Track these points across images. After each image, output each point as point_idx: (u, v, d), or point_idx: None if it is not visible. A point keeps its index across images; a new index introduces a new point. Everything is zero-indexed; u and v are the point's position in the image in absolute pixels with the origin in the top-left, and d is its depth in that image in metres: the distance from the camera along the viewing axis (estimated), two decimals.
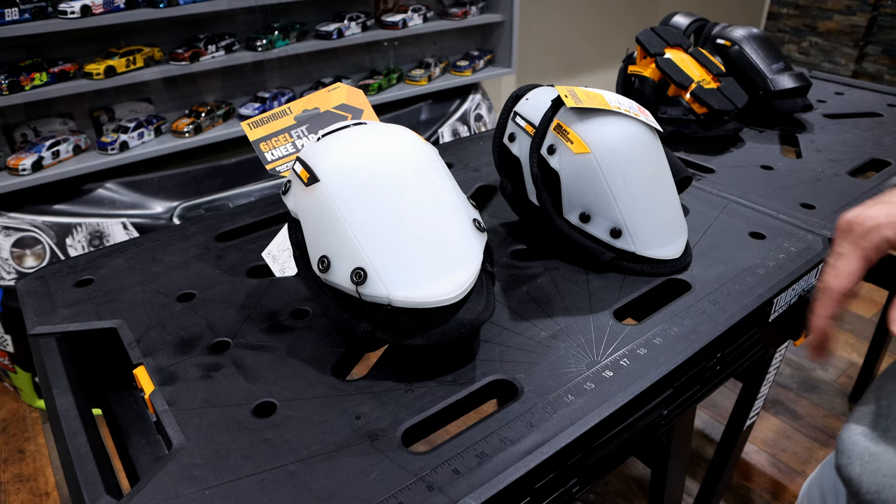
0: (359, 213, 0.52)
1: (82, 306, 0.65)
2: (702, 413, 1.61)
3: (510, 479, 0.45)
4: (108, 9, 1.49)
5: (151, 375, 0.55)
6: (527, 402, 0.52)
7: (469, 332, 0.54)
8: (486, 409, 0.53)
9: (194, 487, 0.45)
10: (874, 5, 3.24)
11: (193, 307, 0.65)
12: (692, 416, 0.88)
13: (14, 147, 1.57)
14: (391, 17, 1.98)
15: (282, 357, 0.58)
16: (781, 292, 0.66)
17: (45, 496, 1.41)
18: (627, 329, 0.60)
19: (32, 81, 1.45)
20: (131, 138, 1.63)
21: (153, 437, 0.60)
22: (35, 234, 1.49)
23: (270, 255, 0.69)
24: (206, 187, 1.70)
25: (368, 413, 0.51)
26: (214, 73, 1.82)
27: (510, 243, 0.76)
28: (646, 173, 0.67)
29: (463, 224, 0.55)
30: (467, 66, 2.18)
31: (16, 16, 1.38)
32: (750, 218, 0.79)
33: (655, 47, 1.03)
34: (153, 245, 0.77)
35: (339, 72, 2.07)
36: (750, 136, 1.07)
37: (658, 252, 0.68)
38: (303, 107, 0.71)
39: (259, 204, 0.85)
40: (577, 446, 0.49)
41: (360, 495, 0.44)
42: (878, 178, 0.90)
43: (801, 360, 1.79)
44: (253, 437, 0.49)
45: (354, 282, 0.51)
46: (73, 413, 0.52)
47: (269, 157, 0.69)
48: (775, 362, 0.92)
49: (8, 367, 1.60)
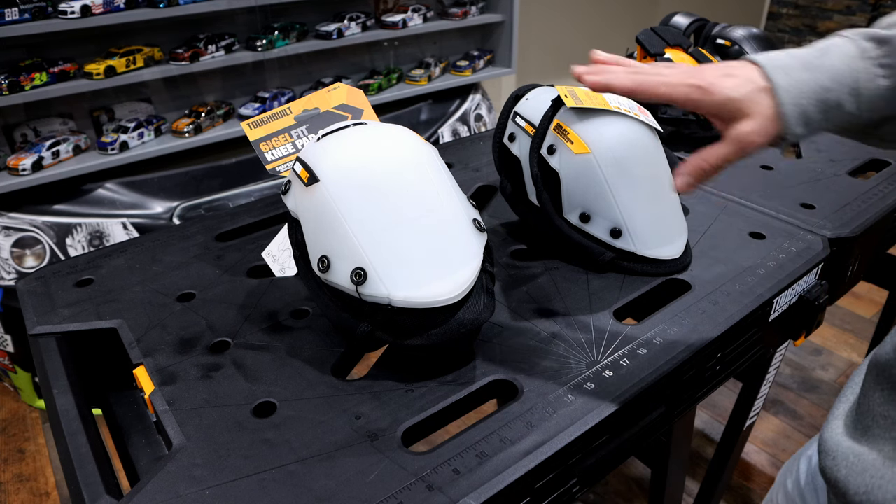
0: (359, 213, 0.52)
1: (82, 306, 0.65)
2: (702, 413, 1.61)
3: (510, 479, 0.45)
4: (108, 9, 1.48)
5: (151, 375, 0.55)
6: (527, 402, 0.52)
7: (469, 332, 0.54)
8: (486, 409, 0.53)
9: (194, 487, 0.45)
10: (874, 5, 3.23)
11: (193, 307, 0.65)
12: (692, 416, 0.88)
13: (14, 147, 1.57)
14: (391, 17, 1.98)
15: (282, 357, 0.58)
16: (781, 292, 0.66)
17: (45, 496, 1.41)
18: (627, 329, 0.60)
19: (32, 81, 1.45)
20: (131, 138, 1.63)
21: (153, 437, 0.60)
22: (35, 234, 1.49)
23: (270, 255, 0.69)
24: (206, 187, 1.70)
25: (368, 413, 0.51)
26: (214, 73, 1.82)
27: (510, 243, 0.76)
28: (646, 173, 0.67)
29: (463, 224, 0.55)
30: (467, 66, 2.18)
31: (16, 16, 1.37)
32: (750, 218, 0.79)
33: (655, 47, 1.02)
34: (153, 245, 0.77)
35: (339, 72, 2.07)
36: None
37: (658, 252, 0.68)
38: (303, 107, 0.71)
39: (259, 204, 0.85)
40: (577, 446, 0.49)
41: (360, 495, 0.44)
42: (877, 178, 0.90)
43: (801, 360, 1.79)
44: (253, 437, 0.49)
45: (354, 282, 0.51)
46: (73, 413, 0.52)
47: (269, 157, 0.69)
48: (775, 362, 0.92)
49: (8, 367, 1.60)
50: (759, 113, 0.44)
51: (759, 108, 0.44)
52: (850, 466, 0.43)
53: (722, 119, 0.46)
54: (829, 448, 0.46)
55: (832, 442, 0.46)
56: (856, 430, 0.45)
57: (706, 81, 0.45)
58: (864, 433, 0.44)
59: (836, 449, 0.45)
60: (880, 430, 0.42)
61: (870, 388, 0.44)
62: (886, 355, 0.43)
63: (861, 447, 0.43)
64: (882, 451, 0.41)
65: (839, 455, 0.44)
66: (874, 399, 0.43)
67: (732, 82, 0.45)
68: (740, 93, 0.45)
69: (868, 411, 0.44)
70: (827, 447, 0.46)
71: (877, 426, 0.43)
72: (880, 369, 0.43)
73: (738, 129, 0.45)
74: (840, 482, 0.43)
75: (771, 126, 0.44)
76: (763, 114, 0.44)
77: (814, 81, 0.44)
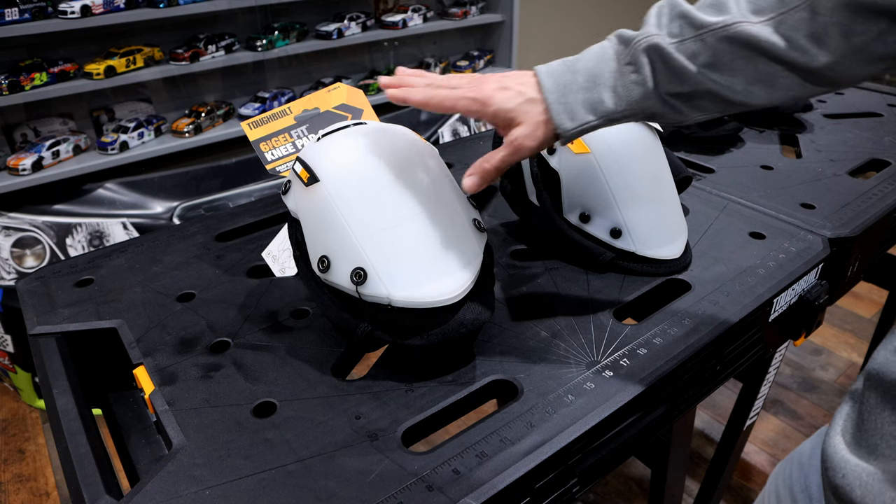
0: (359, 213, 0.52)
1: (82, 306, 0.65)
2: (702, 413, 1.61)
3: (510, 479, 0.45)
4: (108, 9, 1.49)
5: (151, 375, 0.55)
6: (527, 402, 0.52)
7: (469, 333, 0.54)
8: (486, 409, 0.53)
9: (194, 487, 0.45)
10: None
11: (193, 307, 0.65)
12: (692, 416, 0.88)
13: (14, 147, 1.57)
14: (391, 17, 1.98)
15: (282, 357, 0.58)
16: (781, 292, 0.66)
17: (45, 496, 1.41)
18: (627, 329, 0.60)
19: (32, 81, 1.45)
20: (131, 138, 1.63)
21: (153, 437, 0.60)
22: (35, 234, 1.49)
23: (270, 255, 0.69)
24: (206, 187, 1.70)
25: (368, 413, 0.51)
26: (214, 73, 1.82)
27: (510, 243, 0.76)
28: (646, 173, 0.67)
29: (463, 224, 0.55)
30: (467, 66, 2.18)
31: (16, 16, 1.38)
32: (750, 218, 0.79)
33: None
34: (153, 245, 0.76)
35: (339, 72, 2.07)
36: (750, 136, 1.07)
37: (658, 252, 0.68)
38: (303, 107, 0.71)
39: (259, 204, 0.85)
40: (577, 446, 0.49)
41: (360, 495, 0.44)
42: (877, 178, 0.90)
43: (801, 360, 1.79)
44: (253, 437, 0.49)
45: (354, 282, 0.51)
46: (73, 413, 0.52)
47: (269, 156, 0.69)
48: (775, 362, 0.91)
49: (8, 367, 1.60)
50: (529, 120, 0.50)
51: (529, 116, 0.50)
52: (864, 487, 0.42)
53: (500, 126, 0.52)
54: (836, 465, 0.45)
55: (838, 458, 0.45)
56: (859, 447, 0.44)
57: (483, 95, 0.51)
58: (870, 451, 0.43)
59: (844, 466, 0.44)
60: (890, 450, 0.42)
61: (875, 406, 0.44)
62: (892, 375, 0.42)
63: (870, 466, 0.43)
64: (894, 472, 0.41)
65: (849, 473, 0.44)
66: (883, 418, 0.43)
67: (505, 95, 0.51)
68: (511, 104, 0.50)
69: (875, 430, 0.43)
70: (834, 463, 0.46)
71: (886, 445, 0.42)
72: (886, 388, 0.43)
73: (512, 135, 0.51)
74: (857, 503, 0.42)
75: (540, 130, 0.50)
76: (533, 121, 0.50)
77: (574, 82, 0.50)
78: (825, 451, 0.47)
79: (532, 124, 0.50)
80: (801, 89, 0.46)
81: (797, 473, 0.57)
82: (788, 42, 0.44)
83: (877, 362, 0.44)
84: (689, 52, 0.47)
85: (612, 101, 0.49)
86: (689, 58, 0.47)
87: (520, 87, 0.51)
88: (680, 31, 0.47)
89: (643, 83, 0.48)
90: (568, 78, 0.50)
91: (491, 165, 0.52)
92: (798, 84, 0.46)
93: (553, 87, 0.50)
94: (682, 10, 0.48)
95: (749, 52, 0.45)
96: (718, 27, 0.45)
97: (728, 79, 0.47)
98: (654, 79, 0.48)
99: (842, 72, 0.44)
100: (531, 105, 0.51)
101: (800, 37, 0.44)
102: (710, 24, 0.46)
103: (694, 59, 0.47)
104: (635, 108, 0.49)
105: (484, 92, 0.51)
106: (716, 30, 0.46)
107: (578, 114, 0.50)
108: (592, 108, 0.50)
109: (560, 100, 0.50)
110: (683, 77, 0.47)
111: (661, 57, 0.47)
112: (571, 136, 0.51)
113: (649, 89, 0.48)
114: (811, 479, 0.55)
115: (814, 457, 0.56)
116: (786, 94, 0.47)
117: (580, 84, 0.50)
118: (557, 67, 0.51)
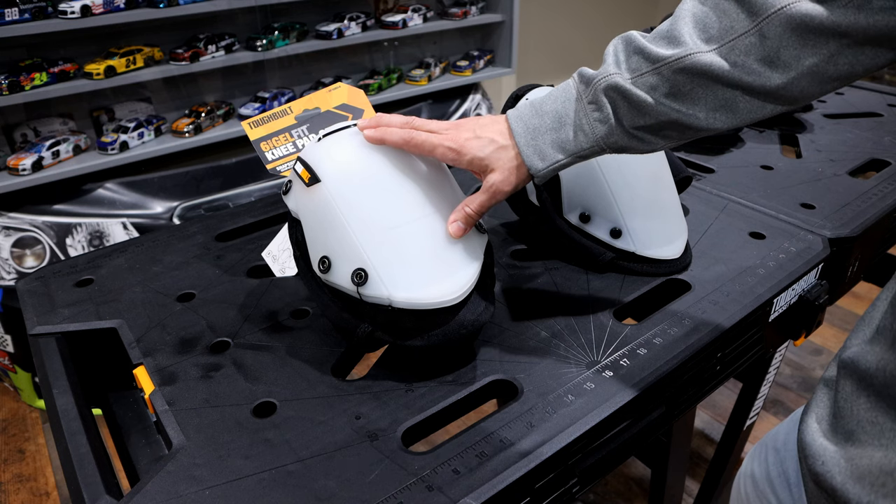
0: (360, 214, 0.52)
1: (82, 306, 0.65)
2: (702, 413, 1.61)
3: (510, 479, 0.45)
4: (108, 9, 1.48)
5: (151, 375, 0.55)
6: (527, 402, 0.52)
7: (470, 333, 0.54)
8: (486, 409, 0.53)
9: (194, 487, 0.45)
10: None
11: (193, 307, 0.65)
12: (692, 416, 0.88)
13: (14, 147, 1.57)
14: (391, 17, 1.97)
15: (282, 357, 0.58)
16: (781, 292, 0.66)
17: (45, 496, 1.41)
18: (627, 329, 0.60)
19: (32, 81, 1.45)
20: (131, 138, 1.63)
21: (153, 437, 0.60)
22: (35, 234, 1.49)
23: (270, 255, 0.69)
24: (206, 187, 1.70)
25: (368, 413, 0.51)
26: (214, 73, 1.82)
27: (510, 243, 0.76)
28: (646, 173, 0.67)
29: None
30: (467, 66, 2.18)
31: (16, 16, 1.37)
32: (750, 218, 0.79)
33: None
34: (153, 245, 0.77)
35: (339, 72, 2.07)
36: (750, 136, 1.07)
37: (658, 252, 0.68)
38: (303, 106, 0.71)
39: (259, 204, 0.85)
40: (577, 446, 0.49)
41: (360, 495, 0.44)
42: (877, 178, 0.90)
43: (801, 360, 1.79)
44: (253, 437, 0.49)
45: (355, 282, 0.51)
46: (73, 413, 0.52)
47: (270, 156, 0.69)
48: (775, 362, 0.92)
49: (8, 367, 1.60)
50: (502, 167, 0.53)
51: (502, 162, 0.53)
52: (844, 473, 0.43)
53: (476, 173, 0.55)
54: (815, 452, 0.46)
55: (817, 446, 0.46)
56: (837, 434, 0.45)
57: (458, 143, 0.54)
58: (847, 438, 0.44)
59: (823, 453, 0.45)
60: (867, 436, 0.42)
61: (850, 395, 0.44)
62: (866, 364, 0.43)
63: (848, 451, 0.43)
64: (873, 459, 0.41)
65: (829, 460, 0.44)
66: (859, 405, 0.43)
67: (478, 143, 0.53)
68: (485, 153, 0.53)
69: (851, 417, 0.44)
70: (812, 451, 0.46)
71: (863, 432, 0.42)
72: (860, 376, 0.43)
73: (488, 181, 0.54)
74: (838, 489, 0.43)
75: (514, 175, 0.53)
76: (505, 167, 0.53)
77: (542, 125, 0.52)
78: (802, 439, 0.48)
79: (505, 170, 0.53)
80: (762, 110, 0.48)
81: (773, 458, 0.57)
82: (741, 67, 0.45)
83: (850, 351, 0.45)
84: (648, 86, 0.48)
85: (579, 139, 0.51)
86: (649, 91, 0.48)
87: (491, 134, 0.54)
88: (637, 66, 0.49)
89: (606, 121, 0.50)
90: (536, 122, 0.53)
91: (472, 211, 0.54)
92: (758, 106, 0.47)
93: (523, 132, 0.53)
94: (637, 45, 0.49)
95: (705, 80, 0.47)
96: (673, 60, 0.47)
97: (690, 107, 0.48)
98: (615, 116, 0.50)
99: (798, 91, 0.46)
100: (503, 152, 0.53)
101: (752, 61, 0.45)
102: (665, 58, 0.47)
103: (653, 92, 0.48)
104: (602, 144, 0.51)
105: (458, 140, 0.54)
106: (671, 62, 0.47)
107: (548, 154, 0.52)
108: (561, 147, 0.52)
109: (530, 143, 0.53)
110: (645, 110, 0.49)
111: (622, 94, 0.49)
112: (545, 176, 0.53)
113: (613, 126, 0.51)
114: (788, 465, 0.55)
115: (789, 442, 0.56)
116: (749, 117, 0.48)
117: (548, 125, 0.52)
118: (526, 111, 0.53)
